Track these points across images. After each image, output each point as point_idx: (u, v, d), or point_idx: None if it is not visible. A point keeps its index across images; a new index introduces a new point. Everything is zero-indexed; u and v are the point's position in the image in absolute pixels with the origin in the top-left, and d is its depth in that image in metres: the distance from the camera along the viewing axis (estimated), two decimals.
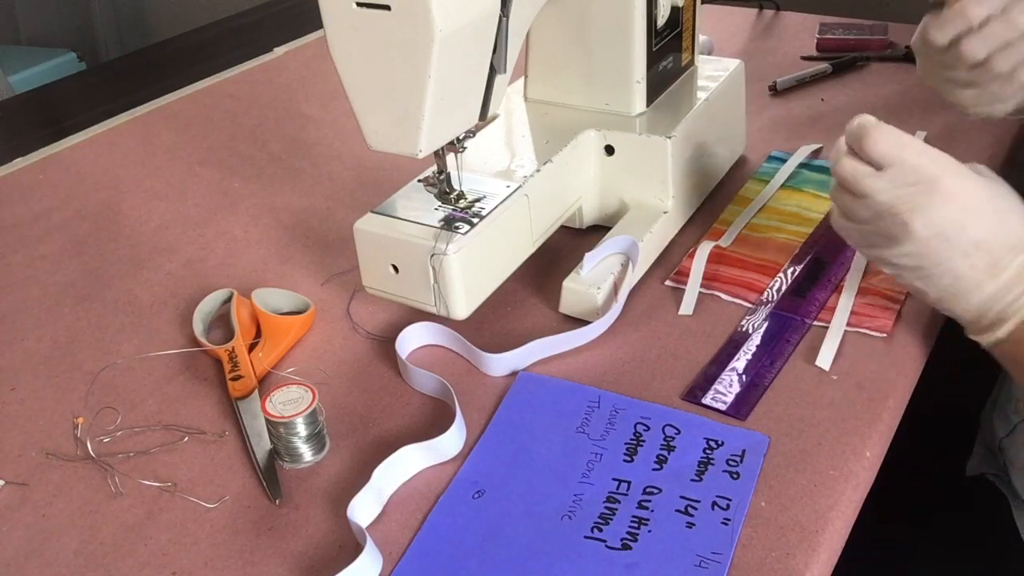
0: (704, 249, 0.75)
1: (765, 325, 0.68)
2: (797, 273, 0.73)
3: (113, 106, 1.16)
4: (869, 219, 0.58)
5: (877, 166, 0.56)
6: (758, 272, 0.74)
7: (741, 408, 0.61)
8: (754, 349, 0.66)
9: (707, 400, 0.62)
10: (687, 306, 0.71)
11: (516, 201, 0.69)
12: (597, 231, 0.78)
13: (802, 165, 0.88)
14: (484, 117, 0.65)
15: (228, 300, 0.74)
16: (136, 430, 0.64)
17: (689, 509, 0.54)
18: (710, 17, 1.26)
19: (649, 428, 0.60)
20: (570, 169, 0.75)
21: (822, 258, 0.74)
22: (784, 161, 0.89)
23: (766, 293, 0.71)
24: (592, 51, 0.78)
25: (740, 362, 0.65)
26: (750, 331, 0.68)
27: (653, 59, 0.78)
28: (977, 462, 0.81)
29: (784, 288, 0.71)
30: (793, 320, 0.68)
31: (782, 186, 0.85)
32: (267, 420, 0.59)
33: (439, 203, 0.68)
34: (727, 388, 0.62)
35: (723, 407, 0.61)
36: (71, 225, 0.91)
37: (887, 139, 0.55)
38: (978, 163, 0.60)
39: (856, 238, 0.60)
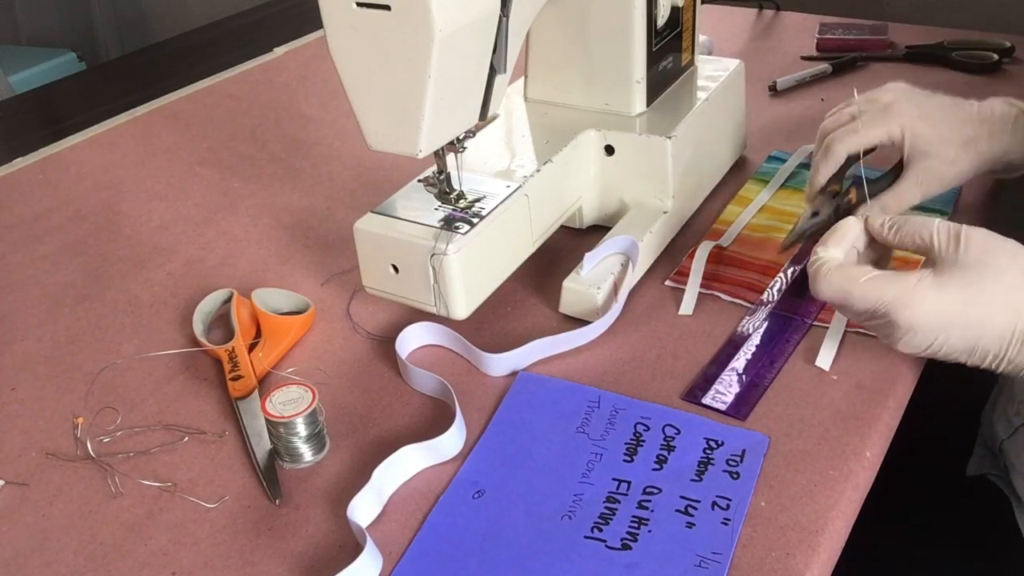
0: (704, 249, 0.75)
1: (765, 325, 0.68)
2: (797, 273, 0.73)
3: (113, 106, 1.16)
4: (857, 315, 0.57)
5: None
6: (758, 272, 0.74)
7: (741, 408, 0.61)
8: (754, 349, 0.66)
9: (707, 400, 0.62)
10: (687, 306, 0.71)
11: (516, 201, 0.69)
12: (597, 231, 0.78)
13: (802, 165, 0.88)
14: (484, 117, 0.65)
15: (228, 300, 0.74)
16: (136, 430, 0.64)
17: (689, 509, 0.54)
18: (710, 17, 1.26)
19: (649, 428, 0.60)
20: (570, 169, 0.75)
21: None
22: (784, 161, 0.89)
23: (766, 293, 0.71)
24: (592, 51, 0.78)
25: (740, 362, 0.65)
26: (750, 331, 0.68)
27: (653, 59, 0.78)
28: (978, 462, 0.81)
29: (784, 288, 0.71)
30: (793, 320, 0.68)
31: (782, 186, 0.85)
32: (267, 420, 0.58)
33: (439, 203, 0.68)
34: (727, 388, 0.62)
35: (723, 407, 0.61)
36: (71, 225, 0.91)
37: (829, 287, 0.55)
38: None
39: (858, 321, 0.59)
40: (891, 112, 0.70)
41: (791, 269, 0.73)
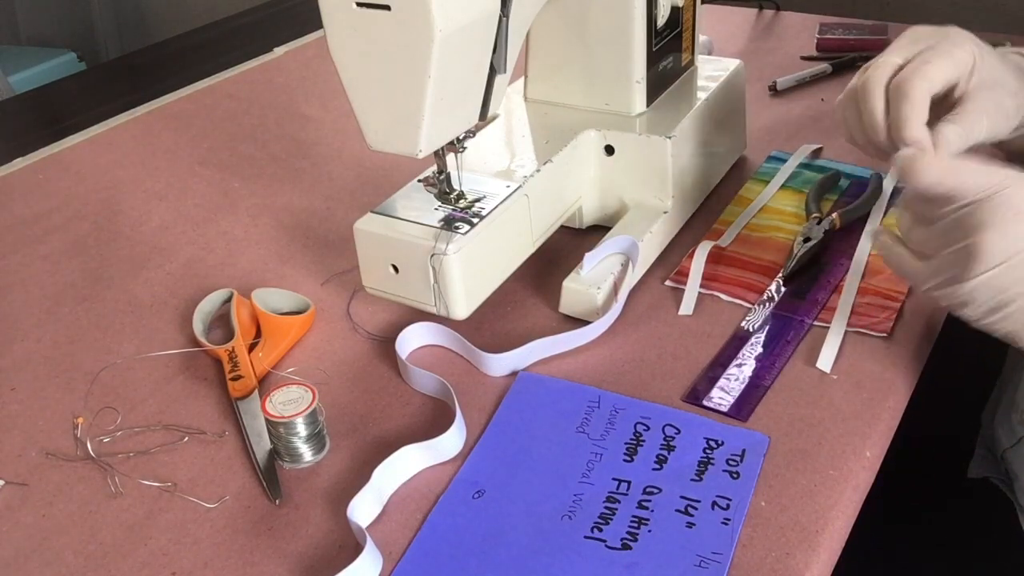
0: (703, 249, 0.75)
1: (765, 326, 0.68)
2: (795, 271, 0.73)
3: (113, 106, 1.16)
4: (937, 248, 0.52)
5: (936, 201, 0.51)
6: (758, 272, 0.74)
7: (742, 409, 0.61)
8: (755, 350, 0.66)
9: (708, 402, 0.62)
10: (687, 306, 0.71)
11: (516, 201, 0.69)
12: (597, 231, 0.78)
13: (802, 165, 0.88)
14: (484, 117, 0.65)
15: (228, 300, 0.74)
16: (136, 430, 0.64)
17: (689, 509, 0.54)
18: (710, 17, 1.26)
19: (649, 428, 0.60)
20: (570, 169, 0.75)
21: (822, 259, 0.74)
22: (784, 161, 0.89)
23: (766, 293, 0.71)
24: (592, 51, 0.78)
25: (740, 363, 0.65)
26: (750, 331, 0.68)
27: (653, 59, 0.78)
28: (978, 464, 0.81)
29: (784, 288, 0.71)
30: (793, 320, 0.68)
31: (782, 186, 0.85)
32: (267, 420, 0.58)
33: (439, 203, 0.68)
34: (728, 389, 0.62)
35: (724, 408, 0.61)
36: (71, 225, 0.91)
37: (931, 170, 0.50)
38: None
39: (927, 275, 0.54)
40: (955, 38, 0.60)
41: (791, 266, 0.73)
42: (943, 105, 0.59)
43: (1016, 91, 0.61)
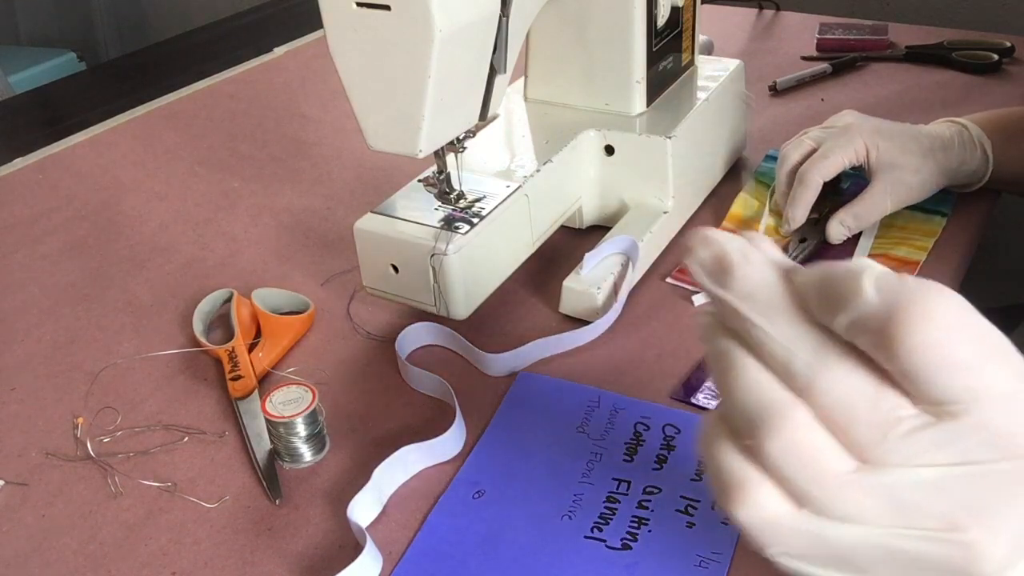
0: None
1: None
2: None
3: (113, 106, 1.16)
4: None
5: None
6: None
7: None
8: None
9: (699, 400, 0.61)
10: (701, 298, 0.71)
11: (516, 201, 0.69)
12: (597, 231, 0.78)
13: None
14: (484, 117, 0.65)
15: (228, 300, 0.74)
16: (136, 430, 0.64)
17: (689, 509, 0.54)
18: (710, 17, 1.26)
19: (649, 428, 0.60)
20: (570, 169, 0.75)
21: (820, 260, 0.74)
22: None
23: None
24: (592, 51, 0.78)
25: None
26: None
27: (653, 59, 0.78)
28: None
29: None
30: None
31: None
32: (267, 420, 0.58)
33: (439, 203, 0.68)
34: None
35: (712, 407, 0.61)
36: (71, 225, 0.91)
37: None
38: None
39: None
40: (851, 132, 0.74)
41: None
42: None
43: (919, 168, 0.73)
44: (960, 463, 0.25)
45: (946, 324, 0.25)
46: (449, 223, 0.66)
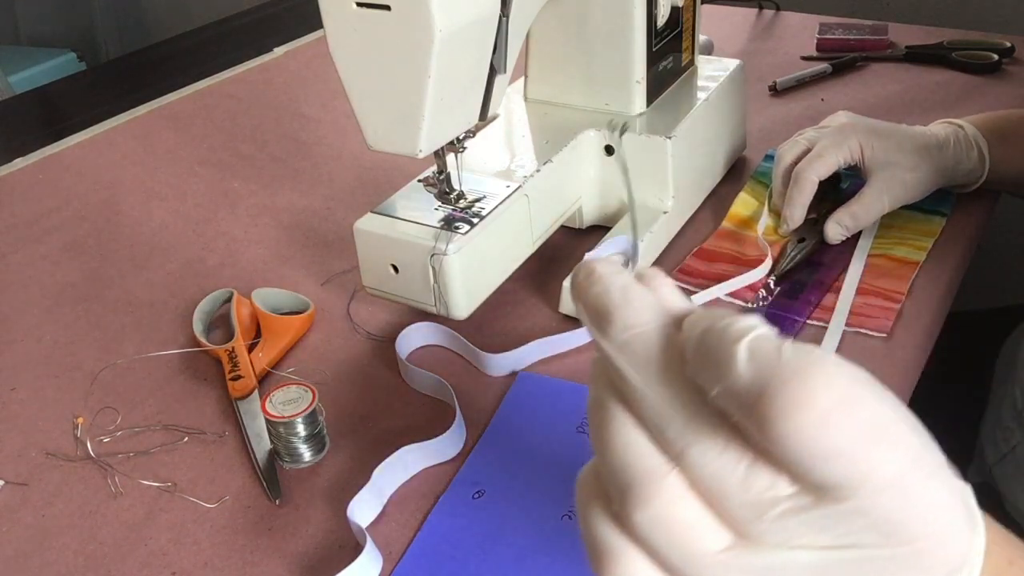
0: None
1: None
2: (789, 270, 0.73)
3: (113, 106, 1.16)
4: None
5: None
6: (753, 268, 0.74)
7: None
8: None
9: None
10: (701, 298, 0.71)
11: (516, 201, 0.69)
12: (597, 231, 0.78)
13: None
14: (484, 117, 0.65)
15: (228, 300, 0.74)
16: (136, 430, 0.64)
17: None
18: (710, 17, 1.26)
19: None
20: (570, 169, 0.75)
21: (818, 259, 0.74)
22: None
23: (760, 292, 0.71)
24: (592, 51, 0.78)
25: None
26: None
27: (653, 59, 0.78)
28: (977, 469, 0.81)
29: (776, 288, 0.71)
30: (786, 319, 0.68)
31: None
32: (267, 420, 0.58)
33: (439, 203, 0.68)
34: None
35: None
36: (71, 225, 0.91)
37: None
38: None
39: None
40: (846, 131, 0.74)
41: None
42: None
43: (915, 166, 0.73)
44: (843, 547, 0.24)
45: (822, 409, 0.22)
46: (449, 223, 0.65)
